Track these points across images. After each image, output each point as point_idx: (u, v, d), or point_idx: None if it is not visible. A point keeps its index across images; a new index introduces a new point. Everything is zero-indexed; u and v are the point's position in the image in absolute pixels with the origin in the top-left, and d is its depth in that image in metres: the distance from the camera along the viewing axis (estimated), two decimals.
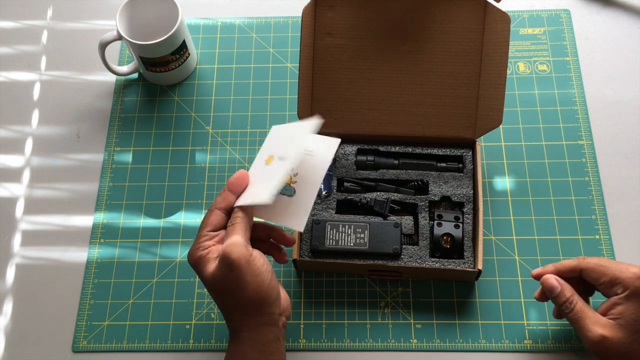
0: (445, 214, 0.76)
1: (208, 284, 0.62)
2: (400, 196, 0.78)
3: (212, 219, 0.64)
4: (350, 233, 0.75)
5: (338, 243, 0.75)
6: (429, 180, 0.79)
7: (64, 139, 0.89)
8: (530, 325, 0.75)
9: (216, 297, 0.63)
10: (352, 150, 0.81)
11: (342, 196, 0.79)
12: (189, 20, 0.96)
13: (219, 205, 0.64)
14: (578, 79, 0.89)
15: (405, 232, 0.76)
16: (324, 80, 0.79)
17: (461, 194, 0.78)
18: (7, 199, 0.86)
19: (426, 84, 0.78)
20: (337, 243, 0.75)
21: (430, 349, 0.74)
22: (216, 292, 0.63)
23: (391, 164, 0.80)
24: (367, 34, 0.78)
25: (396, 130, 0.80)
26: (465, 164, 0.79)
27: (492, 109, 0.76)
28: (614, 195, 0.82)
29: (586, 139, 0.85)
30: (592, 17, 0.93)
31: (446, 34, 0.77)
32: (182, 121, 0.89)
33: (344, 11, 0.77)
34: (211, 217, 0.64)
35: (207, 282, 0.62)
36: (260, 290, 0.60)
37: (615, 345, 0.62)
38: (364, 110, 0.80)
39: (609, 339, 0.62)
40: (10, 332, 0.78)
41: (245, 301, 0.60)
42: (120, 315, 0.78)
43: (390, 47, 0.78)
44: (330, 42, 0.78)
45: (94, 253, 0.81)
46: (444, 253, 0.75)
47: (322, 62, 0.79)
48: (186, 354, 0.76)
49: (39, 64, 0.95)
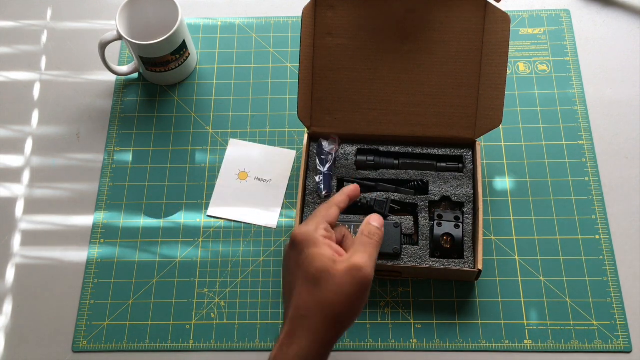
0: (445, 214, 0.76)
1: (311, 268, 0.55)
2: (400, 196, 0.78)
3: (332, 213, 0.61)
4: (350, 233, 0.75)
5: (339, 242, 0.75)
6: (429, 180, 0.79)
7: (64, 139, 0.89)
8: (530, 325, 0.75)
9: (308, 283, 0.56)
10: (352, 150, 0.81)
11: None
12: (189, 20, 0.96)
13: (340, 204, 0.62)
14: (578, 79, 0.89)
15: (405, 232, 0.76)
16: (324, 80, 0.79)
17: (461, 194, 0.78)
18: (7, 199, 0.86)
19: (426, 84, 0.78)
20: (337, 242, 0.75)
21: (430, 349, 0.74)
22: (312, 283, 0.55)
23: (391, 164, 0.80)
24: (367, 34, 0.78)
25: (396, 130, 0.80)
26: (465, 164, 0.79)
27: (492, 109, 0.76)
28: (614, 195, 0.82)
29: (586, 139, 0.85)
30: (592, 17, 0.93)
31: (446, 34, 0.77)
32: (182, 121, 0.89)
33: (344, 11, 0.77)
34: (331, 211, 0.61)
35: (311, 266, 0.55)
36: (357, 315, 0.57)
37: None
38: (364, 110, 0.80)
39: None
40: (10, 332, 0.78)
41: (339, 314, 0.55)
42: (120, 315, 0.78)
43: (391, 47, 0.78)
44: (330, 42, 0.78)
45: (94, 253, 0.81)
46: (444, 253, 0.75)
47: (322, 62, 0.79)
48: (186, 354, 0.76)
49: (39, 64, 0.95)
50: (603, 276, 0.77)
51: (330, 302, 0.55)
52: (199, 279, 0.79)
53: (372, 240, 0.59)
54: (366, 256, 0.56)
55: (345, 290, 0.55)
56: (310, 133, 0.81)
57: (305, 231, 0.58)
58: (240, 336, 0.76)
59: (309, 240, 0.57)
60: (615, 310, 0.75)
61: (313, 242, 0.57)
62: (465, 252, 0.75)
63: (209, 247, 0.81)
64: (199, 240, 0.81)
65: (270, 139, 0.87)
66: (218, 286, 0.79)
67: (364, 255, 0.57)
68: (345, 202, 0.64)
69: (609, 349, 0.73)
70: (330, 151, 0.79)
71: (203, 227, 0.82)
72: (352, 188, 0.66)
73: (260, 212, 0.83)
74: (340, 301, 0.55)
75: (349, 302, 0.55)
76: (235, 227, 0.82)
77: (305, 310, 0.55)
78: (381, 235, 0.60)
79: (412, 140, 0.81)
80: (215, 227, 0.82)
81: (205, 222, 0.83)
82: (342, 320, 0.56)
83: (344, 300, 0.55)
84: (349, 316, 0.56)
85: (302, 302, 0.55)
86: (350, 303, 0.55)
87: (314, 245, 0.57)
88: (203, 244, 0.81)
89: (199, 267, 0.80)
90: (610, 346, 0.74)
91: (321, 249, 0.56)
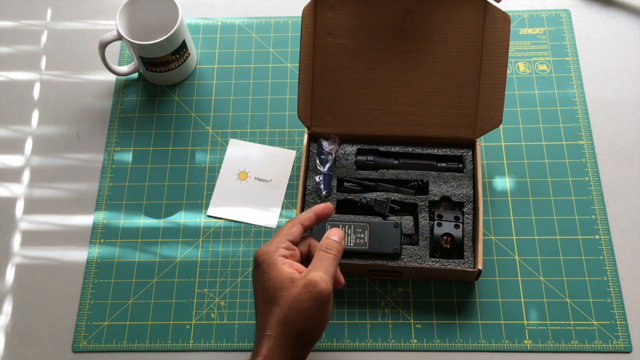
0: (445, 214, 0.76)
1: (271, 288, 0.59)
2: (400, 196, 0.78)
3: (295, 231, 0.63)
4: (350, 233, 0.75)
5: None
6: (429, 180, 0.79)
7: (64, 139, 0.89)
8: (530, 325, 0.75)
9: (269, 303, 0.59)
10: (352, 150, 0.81)
11: (342, 196, 0.79)
12: (189, 20, 0.96)
13: (304, 222, 0.64)
14: (578, 79, 0.89)
15: (405, 232, 0.76)
16: (324, 80, 0.79)
17: (461, 194, 0.78)
18: (7, 198, 0.86)
19: (426, 84, 0.78)
20: None
21: (430, 349, 0.74)
22: (272, 302, 0.58)
23: (391, 164, 0.80)
24: (367, 34, 0.78)
25: (396, 130, 0.80)
26: (465, 164, 0.79)
27: (492, 109, 0.76)
28: (614, 195, 0.82)
29: (586, 139, 0.85)
30: (592, 17, 0.93)
31: (446, 34, 0.77)
32: (182, 121, 0.89)
33: (344, 11, 0.77)
34: (293, 229, 0.63)
35: (271, 287, 0.59)
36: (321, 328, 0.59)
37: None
38: (364, 110, 0.80)
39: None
40: (10, 332, 0.78)
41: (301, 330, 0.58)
42: (120, 315, 0.78)
43: (391, 47, 0.78)
44: (331, 42, 0.78)
45: (93, 253, 0.81)
46: (444, 253, 0.75)
47: (322, 62, 0.79)
48: (186, 354, 0.76)
49: (39, 63, 0.95)
50: (603, 276, 0.77)
51: (290, 319, 0.57)
52: (199, 279, 0.79)
53: (329, 254, 0.61)
54: (322, 271, 0.59)
55: (304, 306, 0.57)
56: (310, 133, 0.81)
57: (265, 251, 0.60)
58: (240, 336, 0.76)
59: (269, 260, 0.59)
60: (615, 310, 0.75)
61: (272, 263, 0.59)
62: (465, 252, 0.75)
63: (209, 247, 0.81)
64: (199, 240, 0.82)
65: (270, 139, 0.87)
66: (218, 286, 0.79)
67: (319, 270, 0.59)
68: (311, 220, 0.65)
69: (609, 349, 0.73)
70: (330, 151, 0.80)
71: (203, 227, 0.82)
72: (323, 207, 0.67)
73: (260, 212, 0.83)
74: (299, 317, 0.57)
75: (309, 318, 0.57)
76: (235, 227, 0.82)
77: (269, 330, 0.57)
78: (339, 249, 0.62)
79: (412, 140, 0.81)
80: (215, 227, 0.82)
81: (205, 222, 0.83)
82: (306, 336, 0.58)
83: (303, 317, 0.57)
84: (312, 331, 0.58)
85: (265, 322, 0.58)
86: (310, 318, 0.57)
87: (273, 265, 0.59)
88: (203, 244, 0.81)
89: (199, 267, 0.80)
90: (610, 346, 0.74)
91: (279, 269, 0.59)
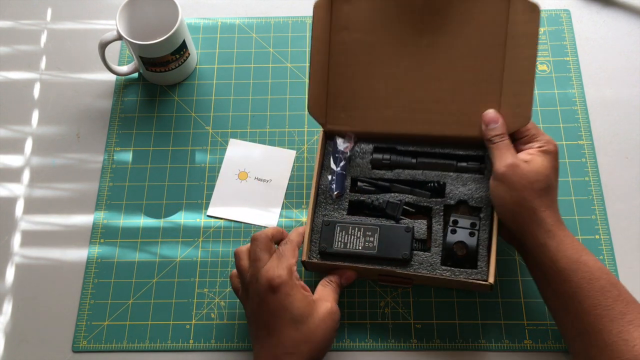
0: (461, 219, 0.72)
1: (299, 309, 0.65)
2: (415, 198, 0.75)
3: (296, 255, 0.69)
4: (359, 236, 0.73)
5: (346, 246, 0.73)
6: (447, 182, 0.75)
7: (64, 139, 0.89)
8: (530, 325, 0.75)
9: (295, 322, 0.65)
10: (368, 148, 0.78)
11: (355, 197, 0.76)
12: (189, 20, 0.96)
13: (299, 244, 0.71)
14: (578, 79, 0.89)
15: (417, 236, 0.73)
16: (339, 77, 0.76)
17: (479, 198, 0.73)
18: (7, 198, 0.86)
19: (445, 80, 0.74)
20: (345, 246, 0.73)
21: (430, 349, 0.74)
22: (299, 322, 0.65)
23: (408, 162, 0.77)
24: (384, 28, 0.74)
25: (414, 129, 0.76)
26: (487, 165, 0.75)
27: (520, 106, 0.71)
28: (614, 195, 0.82)
29: (586, 139, 0.85)
30: (592, 17, 0.93)
31: (467, 27, 0.73)
32: (182, 121, 0.89)
33: (361, 4, 0.74)
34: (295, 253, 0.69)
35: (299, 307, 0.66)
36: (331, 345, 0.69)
37: (518, 174, 0.68)
38: (381, 108, 0.76)
39: (519, 167, 0.68)
40: (10, 332, 0.78)
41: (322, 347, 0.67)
42: (120, 315, 0.78)
43: (409, 41, 0.74)
44: (347, 37, 0.75)
45: (93, 253, 0.81)
46: (456, 261, 0.71)
47: (337, 57, 0.76)
48: (186, 354, 0.76)
49: (39, 64, 0.95)
50: None
51: (315, 336, 0.66)
52: (199, 279, 0.79)
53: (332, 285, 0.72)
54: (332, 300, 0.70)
55: (328, 325, 0.67)
56: (325, 131, 0.78)
57: (279, 275, 0.66)
58: (240, 336, 0.76)
59: (290, 283, 0.66)
60: None
61: (293, 285, 0.66)
62: (479, 261, 0.71)
63: (209, 247, 0.81)
64: (199, 240, 0.82)
65: (270, 139, 0.87)
66: (218, 286, 0.79)
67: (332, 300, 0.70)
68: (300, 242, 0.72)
69: None
70: (345, 149, 0.77)
71: (203, 227, 0.82)
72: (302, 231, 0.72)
73: (260, 212, 0.83)
74: (324, 334, 0.66)
75: (326, 339, 0.67)
76: (235, 227, 0.82)
77: (293, 348, 0.65)
78: (337, 282, 0.72)
79: (430, 139, 0.76)
80: (215, 227, 0.82)
81: (205, 222, 0.83)
82: (317, 354, 0.66)
83: (327, 335, 0.67)
84: (323, 350, 0.67)
85: (289, 340, 0.65)
86: (327, 339, 0.67)
87: (295, 287, 0.66)
88: (203, 244, 0.81)
89: (199, 267, 0.80)
90: None
91: (301, 292, 0.66)
